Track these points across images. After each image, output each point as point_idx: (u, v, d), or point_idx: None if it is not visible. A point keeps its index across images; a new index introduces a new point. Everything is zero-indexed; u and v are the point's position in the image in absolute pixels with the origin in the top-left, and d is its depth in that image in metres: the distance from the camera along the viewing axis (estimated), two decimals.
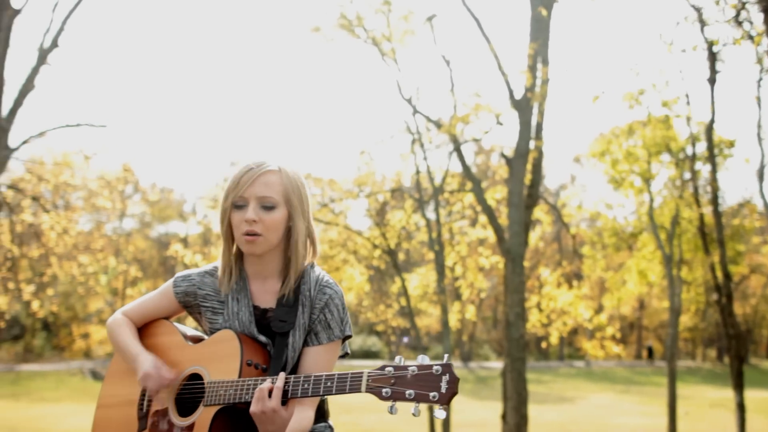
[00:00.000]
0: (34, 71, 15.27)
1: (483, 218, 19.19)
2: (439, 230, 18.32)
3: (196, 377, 2.73)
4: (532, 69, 15.50)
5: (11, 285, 20.25)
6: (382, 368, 2.28)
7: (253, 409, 2.41)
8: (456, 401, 21.37)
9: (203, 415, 2.58)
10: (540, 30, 15.90)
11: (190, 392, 2.73)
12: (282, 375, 2.42)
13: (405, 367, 2.26)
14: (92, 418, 3.06)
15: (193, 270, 2.91)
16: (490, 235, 19.40)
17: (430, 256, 20.50)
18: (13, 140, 15.44)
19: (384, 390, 2.25)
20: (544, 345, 33.16)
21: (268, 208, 2.67)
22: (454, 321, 20.39)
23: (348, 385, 2.32)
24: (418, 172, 18.82)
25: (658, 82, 19.09)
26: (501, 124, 16.29)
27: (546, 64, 15.76)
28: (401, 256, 21.16)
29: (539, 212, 19.60)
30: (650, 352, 51.44)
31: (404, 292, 18.76)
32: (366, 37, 17.58)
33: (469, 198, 19.30)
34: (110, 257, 19.99)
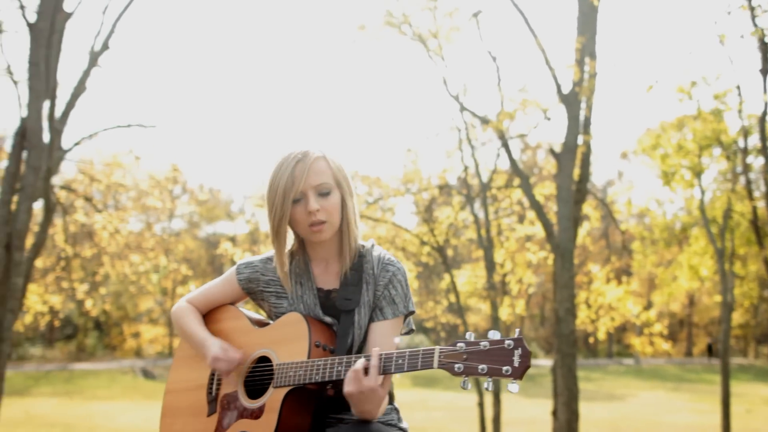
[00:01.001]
0: (86, 74, 15.51)
1: (531, 214, 19.12)
2: (487, 227, 18.28)
3: (264, 360, 2.77)
4: (580, 63, 15.39)
5: (65, 284, 20.60)
6: (454, 344, 2.30)
7: (348, 389, 2.40)
8: (505, 399, 21.31)
9: (273, 397, 2.62)
10: (587, 23, 15.78)
11: (258, 375, 2.77)
12: (376, 351, 2.42)
13: (477, 343, 2.27)
14: (162, 404, 3.12)
15: (256, 257, 2.97)
16: (537, 231, 19.32)
17: (478, 253, 20.46)
18: (65, 142, 15.71)
19: (456, 365, 2.26)
20: (591, 340, 32.90)
21: (325, 194, 2.71)
22: (505, 316, 20.30)
23: (420, 361, 2.33)
24: (465, 169, 18.79)
25: (708, 74, 18.85)
26: (549, 119, 16.20)
27: (594, 57, 15.64)
28: (449, 253, 21.12)
29: (588, 208, 19.45)
30: (710, 349, 50.51)
31: (453, 288, 18.74)
32: (412, 34, 17.58)
33: (517, 194, 19.23)
34: (161, 256, 20.23)
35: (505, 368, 2.20)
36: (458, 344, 2.29)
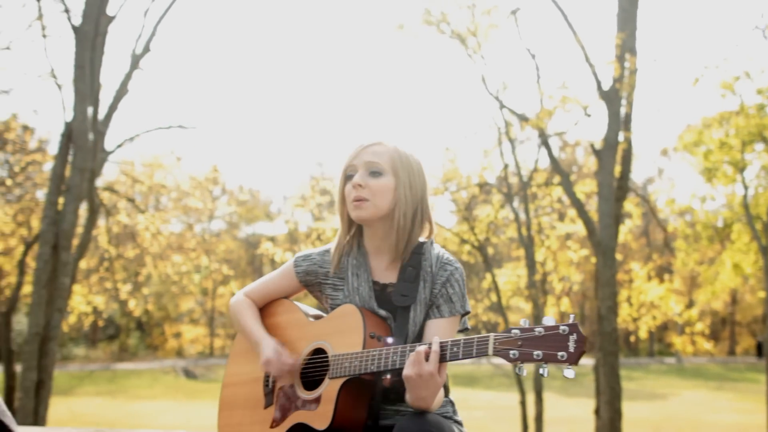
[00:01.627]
0: (128, 76, 15.71)
1: (571, 212, 19.03)
2: (528, 225, 18.22)
3: (319, 352, 2.79)
4: (620, 59, 15.30)
5: (108, 284, 20.85)
6: (508, 331, 2.31)
7: (408, 372, 2.41)
8: (546, 397, 21.20)
9: (329, 387, 2.64)
10: (627, 19, 15.69)
11: (314, 367, 2.79)
12: (437, 339, 2.44)
13: (531, 329, 2.28)
14: (219, 397, 3.17)
15: (313, 249, 2.99)
16: (578, 229, 19.22)
17: (518, 252, 20.40)
18: (107, 144, 15.92)
19: (511, 352, 2.27)
20: (633, 339, 32.61)
21: (375, 174, 2.74)
22: (552, 315, 20.17)
23: (475, 349, 2.34)
24: (505, 167, 18.73)
25: (752, 69, 18.59)
26: (589, 115, 16.15)
27: (634, 53, 15.55)
28: (490, 251, 21.08)
29: (629, 205, 19.30)
30: (760, 348, 49.62)
31: (495, 287, 18.69)
32: (450, 33, 17.57)
33: (557, 192, 19.14)
34: (202, 256, 20.42)
35: (560, 354, 2.21)
36: (513, 331, 2.30)
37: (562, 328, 2.24)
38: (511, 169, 18.93)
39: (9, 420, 2.45)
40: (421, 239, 2.84)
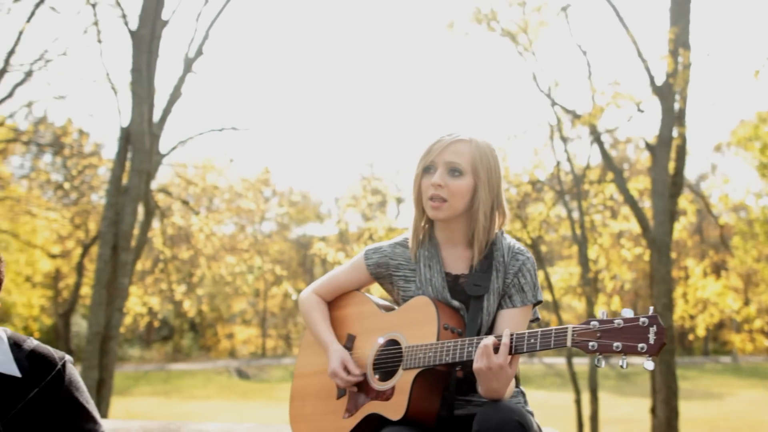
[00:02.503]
0: (181, 80, 15.90)
1: (624, 209, 18.85)
2: (582, 222, 18.10)
3: (392, 343, 2.81)
4: (674, 53, 15.12)
5: (163, 285, 21.12)
6: (587, 322, 2.30)
7: (478, 365, 2.43)
8: (601, 397, 21.03)
9: (403, 378, 2.66)
10: (681, 13, 15.50)
11: (387, 358, 2.81)
12: (507, 331, 2.45)
13: (610, 320, 2.27)
14: (290, 388, 3.21)
15: (383, 242, 3.02)
16: (631, 226, 19.03)
17: (571, 250, 20.26)
18: (161, 146, 16.14)
19: (590, 343, 2.27)
20: (691, 337, 32.17)
21: (455, 174, 2.75)
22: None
23: (552, 340, 2.34)
24: (558, 164, 18.63)
25: None
26: (642, 111, 15.99)
27: (687, 48, 15.35)
28: (542, 249, 20.96)
29: (683, 202, 19.07)
30: None
31: (548, 285, 18.59)
32: (501, 30, 17.52)
33: (609, 189, 18.97)
34: (255, 257, 20.58)
35: (640, 345, 2.20)
36: (591, 322, 2.30)
37: (642, 319, 2.23)
38: (563, 166, 18.81)
39: (92, 408, 2.53)
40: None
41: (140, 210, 15.40)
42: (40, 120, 24.96)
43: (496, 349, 2.43)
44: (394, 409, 2.64)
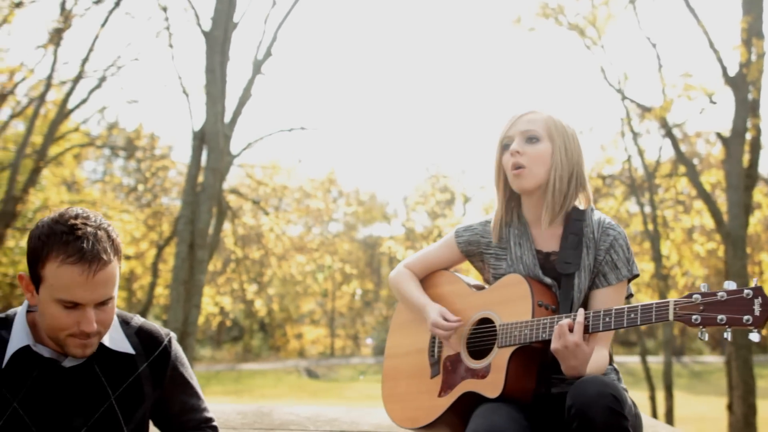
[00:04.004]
0: (250, 81, 16.11)
1: (697, 204, 18.56)
2: (654, 217, 17.87)
3: (484, 322, 2.82)
4: (747, 43, 14.85)
5: (235, 285, 21.40)
6: (689, 296, 2.28)
7: (554, 345, 2.46)
8: (675, 394, 20.70)
9: (499, 356, 2.66)
10: (753, 2, 15.20)
11: (480, 336, 2.82)
12: (581, 311, 2.46)
13: (713, 293, 2.25)
14: (382, 369, 3.25)
15: (474, 221, 3.03)
16: (704, 221, 18.73)
17: (640, 246, 19.99)
18: (232, 147, 16.37)
19: (693, 317, 2.25)
20: (765, 332, 31.47)
21: (532, 141, 2.76)
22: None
23: (654, 314, 2.33)
24: (628, 159, 18.43)
25: None
26: (714, 103, 15.74)
27: (761, 37, 15.05)
28: None
29: (758, 195, 18.69)
30: None
31: None
32: (568, 24, 17.41)
33: (681, 183, 18.69)
34: (326, 256, 20.73)
35: (745, 317, 2.19)
36: (694, 296, 2.28)
37: (746, 291, 2.21)
38: (633, 161, 18.61)
39: (196, 384, 2.61)
40: (580, 207, 2.84)
41: (213, 210, 15.66)
42: (113, 125, 25.50)
43: (571, 329, 2.45)
44: (491, 387, 2.65)
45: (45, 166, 18.27)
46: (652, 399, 18.33)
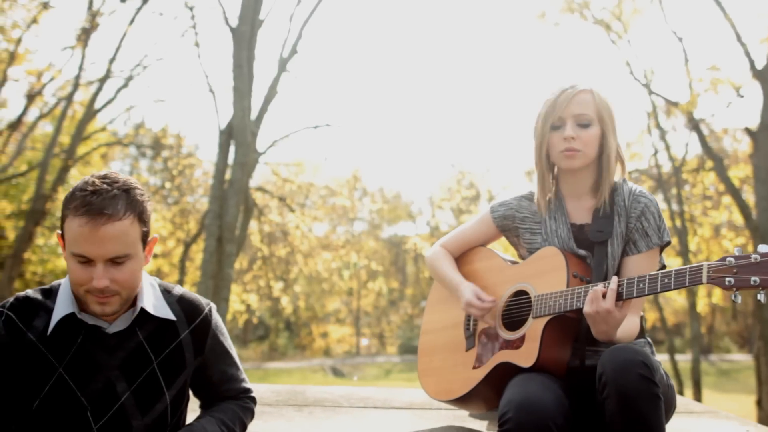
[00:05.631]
0: (276, 79, 16.19)
1: (725, 200, 18.45)
2: (681, 212, 17.78)
3: (520, 294, 2.84)
4: None
5: (261, 282, 21.49)
6: (722, 259, 2.28)
7: (586, 309, 2.47)
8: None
9: (534, 326, 2.68)
10: None
11: (515, 309, 2.84)
12: (615, 278, 2.47)
13: (747, 256, 2.25)
14: (418, 344, 3.28)
15: (509, 196, 3.06)
16: (732, 216, 18.62)
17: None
18: (258, 145, 16.45)
19: (727, 279, 2.25)
20: None
21: (584, 125, 2.78)
22: (701, 306, 19.62)
23: (687, 278, 2.33)
24: (655, 153, 18.36)
25: None
26: (742, 96, 15.66)
27: None
28: None
29: None
30: None
31: None
32: (593, 19, 17.36)
33: (709, 178, 18.59)
34: (352, 253, 20.77)
35: None
36: (727, 259, 2.27)
37: None
38: (659, 156, 18.53)
39: (235, 354, 2.66)
40: (615, 178, 2.88)
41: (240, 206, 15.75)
42: (139, 125, 25.70)
43: (604, 295, 2.46)
44: (525, 356, 2.66)
45: (73, 165, 18.44)
46: (680, 394, 18.19)
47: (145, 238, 2.30)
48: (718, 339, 48.53)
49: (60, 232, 2.26)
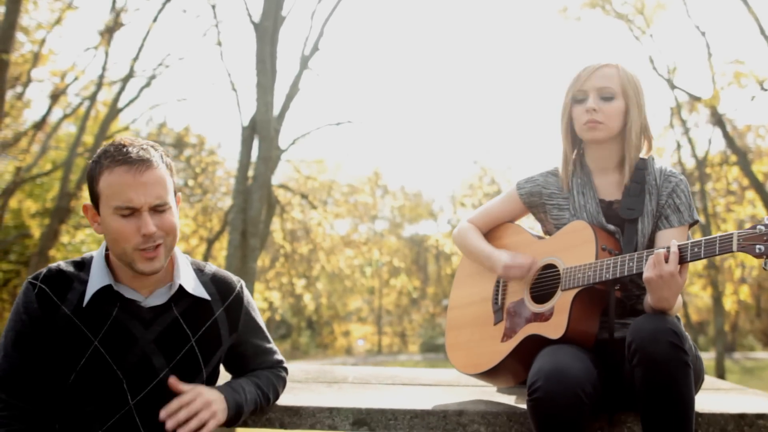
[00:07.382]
0: (298, 76, 16.26)
1: (749, 194, 18.34)
2: (705, 206, 17.71)
3: (548, 268, 2.87)
4: None
5: (284, 280, 21.56)
6: (753, 227, 2.31)
7: (648, 274, 2.46)
8: None
9: (562, 299, 2.70)
10: None
11: (544, 282, 2.87)
12: (674, 241, 2.47)
13: None
14: (446, 319, 3.30)
15: (535, 173, 3.08)
16: (757, 211, 18.50)
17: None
18: (280, 142, 16.52)
19: (757, 246, 2.27)
20: None
21: (607, 98, 2.81)
22: (729, 304, 19.52)
23: (717, 246, 2.35)
24: (678, 148, 18.30)
25: None
26: (765, 90, 15.55)
27: None
28: None
29: None
30: None
31: None
32: (615, 13, 17.31)
33: (732, 173, 18.48)
34: (374, 249, 20.81)
35: None
36: (758, 227, 2.29)
37: None
38: (683, 151, 18.46)
39: (266, 329, 2.70)
40: (643, 156, 2.90)
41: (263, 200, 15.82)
42: (162, 125, 25.87)
43: (667, 259, 2.45)
44: (553, 328, 2.68)
45: None
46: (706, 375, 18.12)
47: (174, 192, 2.36)
48: (741, 337, 48.21)
49: (88, 203, 2.30)
